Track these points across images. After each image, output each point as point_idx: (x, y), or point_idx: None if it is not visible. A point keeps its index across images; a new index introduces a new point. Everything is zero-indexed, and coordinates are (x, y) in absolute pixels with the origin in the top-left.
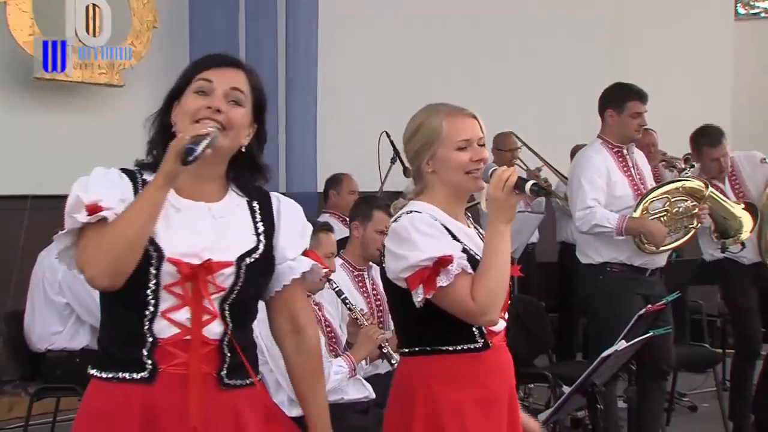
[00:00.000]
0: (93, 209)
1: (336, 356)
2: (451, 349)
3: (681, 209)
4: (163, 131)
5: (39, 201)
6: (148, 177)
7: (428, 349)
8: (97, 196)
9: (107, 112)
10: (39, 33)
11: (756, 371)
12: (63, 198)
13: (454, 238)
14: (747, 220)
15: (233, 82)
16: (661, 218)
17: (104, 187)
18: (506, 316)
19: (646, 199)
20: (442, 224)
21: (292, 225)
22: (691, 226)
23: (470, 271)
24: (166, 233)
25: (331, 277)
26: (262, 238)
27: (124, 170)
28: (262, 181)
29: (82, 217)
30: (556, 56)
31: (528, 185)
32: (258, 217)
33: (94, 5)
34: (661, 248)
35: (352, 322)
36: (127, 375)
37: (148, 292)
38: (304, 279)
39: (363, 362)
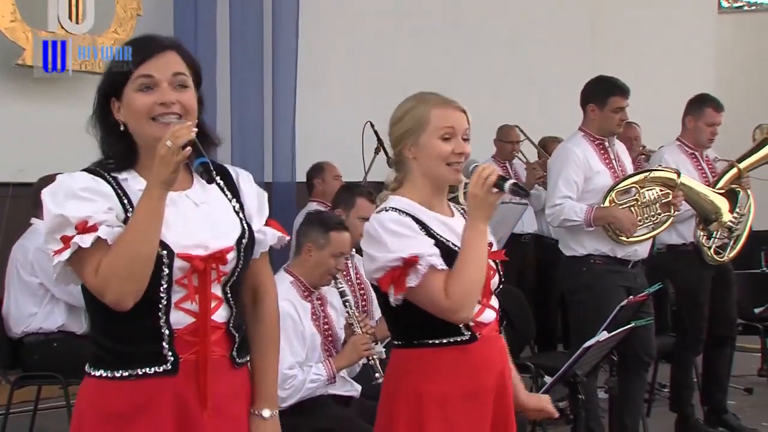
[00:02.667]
0: (84, 228)
1: (329, 356)
2: (436, 342)
3: (651, 198)
4: (113, 132)
5: (20, 188)
6: (124, 176)
7: (414, 342)
8: (84, 213)
9: (89, 99)
10: (21, 19)
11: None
12: (39, 185)
13: (429, 232)
14: (723, 204)
15: (172, 67)
16: (631, 208)
17: (85, 200)
18: (496, 305)
19: (615, 189)
20: (416, 219)
21: (253, 196)
22: (666, 214)
23: (442, 267)
24: (167, 230)
25: (338, 276)
26: (241, 215)
27: (91, 172)
28: (213, 146)
29: (89, 240)
30: (537, 48)
31: (507, 185)
32: (228, 194)
33: None
34: (637, 238)
35: (347, 326)
36: (149, 370)
37: (162, 289)
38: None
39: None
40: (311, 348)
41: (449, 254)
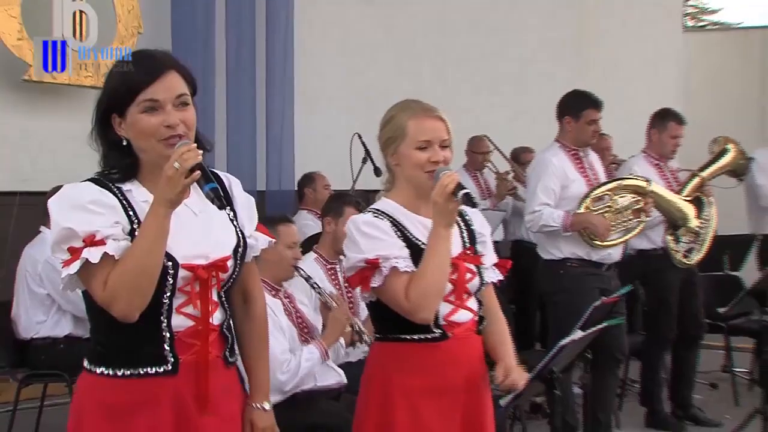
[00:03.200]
0: (92, 242)
1: (307, 342)
2: (407, 338)
3: (624, 204)
4: (116, 146)
5: (27, 197)
6: (128, 187)
7: (388, 336)
8: (92, 227)
9: (91, 113)
10: (27, 37)
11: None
12: (48, 194)
13: (405, 234)
14: (690, 210)
15: (175, 89)
16: (605, 214)
17: (93, 213)
18: (475, 307)
19: (589, 196)
20: (396, 221)
21: (244, 203)
22: (638, 219)
23: (405, 269)
24: (171, 241)
25: (299, 265)
26: (235, 223)
27: (97, 183)
28: (205, 151)
29: (97, 255)
30: (522, 64)
31: (459, 194)
32: (217, 202)
33: (81, 11)
34: (610, 242)
35: (323, 306)
36: (150, 370)
37: (165, 296)
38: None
39: (341, 349)
40: (290, 339)
41: (414, 250)
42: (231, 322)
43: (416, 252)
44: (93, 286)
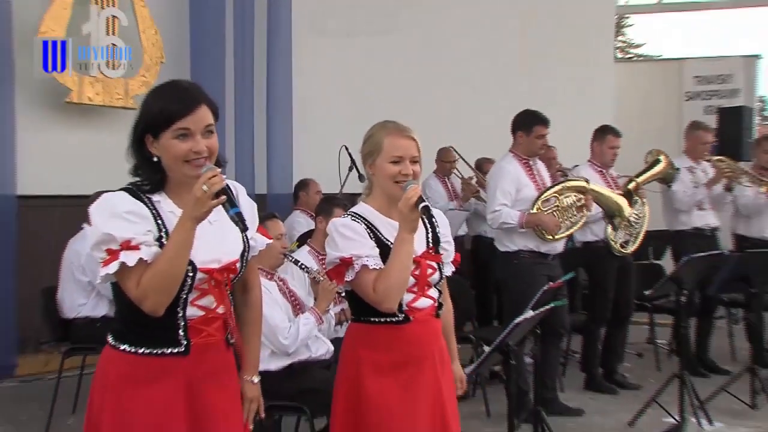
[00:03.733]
0: (128, 246)
1: (299, 315)
2: (376, 320)
3: (569, 203)
4: (148, 162)
5: (68, 200)
6: (157, 198)
7: (361, 318)
8: (129, 234)
9: (122, 129)
10: (70, 66)
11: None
12: (86, 197)
13: (377, 235)
14: (623, 201)
15: (204, 120)
16: (554, 212)
17: (129, 222)
18: (434, 295)
19: (540, 198)
20: (370, 223)
21: (247, 208)
22: (581, 215)
23: (374, 267)
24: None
25: (293, 255)
26: (237, 228)
27: (131, 192)
28: (221, 166)
29: (133, 259)
30: (480, 88)
31: (420, 206)
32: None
33: (113, 44)
34: (558, 236)
35: (313, 282)
36: (166, 350)
37: (184, 292)
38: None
39: (332, 321)
40: (286, 313)
41: (384, 249)
42: (231, 310)
43: (385, 250)
44: (128, 285)
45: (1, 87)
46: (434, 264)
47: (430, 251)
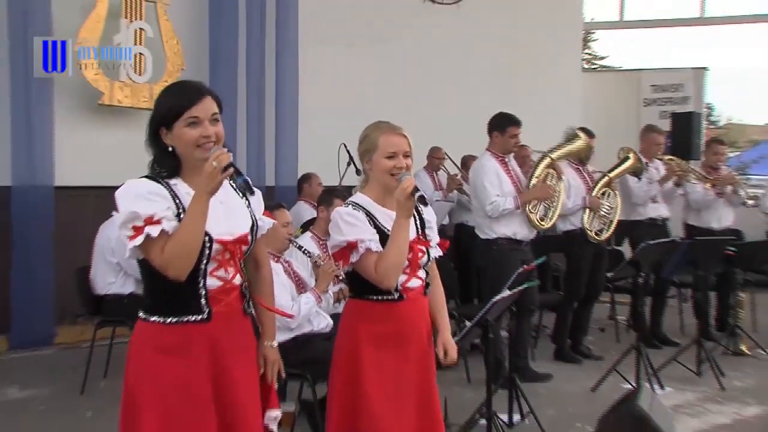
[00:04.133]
0: (151, 221)
1: (303, 293)
2: (374, 298)
3: (545, 176)
4: (164, 152)
5: (100, 190)
6: (174, 182)
7: (360, 296)
8: (151, 210)
9: (143, 128)
10: (101, 73)
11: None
12: (116, 187)
13: (375, 223)
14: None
15: (210, 109)
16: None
17: (151, 201)
18: (424, 275)
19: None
20: (368, 212)
21: (255, 196)
22: (560, 182)
23: (376, 250)
24: (207, 223)
25: (297, 241)
26: (250, 209)
27: (152, 179)
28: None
29: (156, 231)
30: (467, 92)
31: (416, 195)
32: (239, 193)
33: (140, 53)
34: (549, 223)
35: (314, 266)
36: (191, 318)
37: (203, 263)
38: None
39: (330, 300)
40: (291, 291)
41: (387, 240)
42: (247, 283)
43: (383, 236)
44: (152, 255)
45: (41, 91)
46: (423, 248)
47: (420, 237)
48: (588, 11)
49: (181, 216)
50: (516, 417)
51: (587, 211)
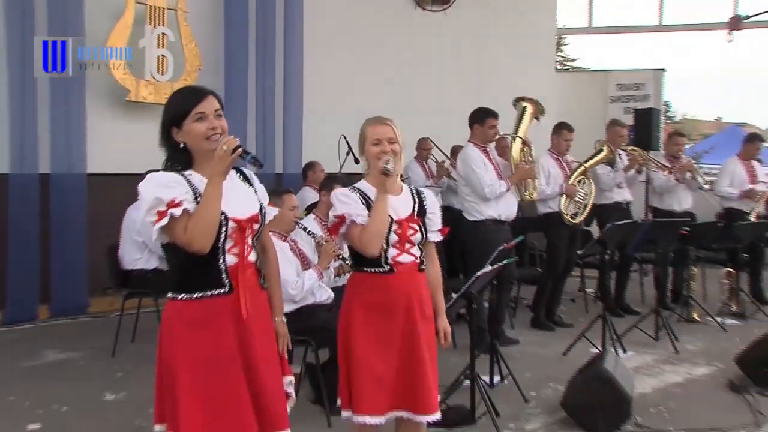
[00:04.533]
0: (173, 204)
1: (308, 269)
2: (368, 270)
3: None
4: (176, 149)
5: (127, 177)
6: (189, 173)
7: (358, 268)
8: (172, 195)
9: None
10: (129, 72)
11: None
12: (141, 174)
13: (369, 204)
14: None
15: (213, 106)
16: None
17: (172, 188)
18: (418, 253)
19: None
20: (364, 194)
21: (260, 187)
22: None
23: (360, 222)
24: (222, 204)
25: (302, 222)
26: (256, 197)
27: (169, 170)
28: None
29: (178, 211)
30: (447, 91)
31: (385, 169)
32: (246, 184)
33: (163, 55)
34: (532, 197)
35: (317, 245)
36: (214, 291)
37: (220, 241)
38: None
39: (332, 275)
40: (296, 267)
41: None
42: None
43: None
44: (176, 233)
45: (75, 89)
46: (415, 226)
47: (414, 217)
48: (560, 18)
49: (198, 200)
50: (496, 378)
51: (564, 196)
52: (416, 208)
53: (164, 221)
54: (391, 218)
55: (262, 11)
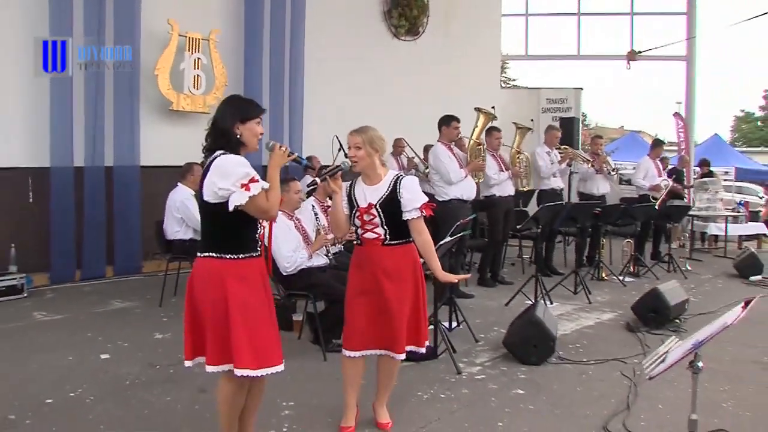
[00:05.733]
0: (253, 180)
1: (306, 247)
2: (356, 243)
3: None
4: (235, 139)
5: (170, 168)
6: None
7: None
8: (252, 172)
9: (201, 126)
10: (171, 87)
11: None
12: (180, 167)
13: (350, 192)
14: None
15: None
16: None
17: (248, 167)
18: (382, 232)
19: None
20: (352, 185)
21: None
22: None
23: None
24: None
25: (305, 202)
26: None
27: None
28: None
29: (263, 185)
30: (420, 103)
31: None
32: None
33: (198, 75)
34: (481, 178)
35: (317, 232)
36: (253, 254)
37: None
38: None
39: (324, 250)
40: (298, 242)
41: (350, 203)
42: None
43: (350, 201)
44: (260, 201)
45: (131, 101)
46: (373, 212)
47: (373, 205)
48: (504, 47)
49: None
50: (454, 324)
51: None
52: (384, 197)
53: (255, 189)
54: (358, 206)
55: (272, 41)
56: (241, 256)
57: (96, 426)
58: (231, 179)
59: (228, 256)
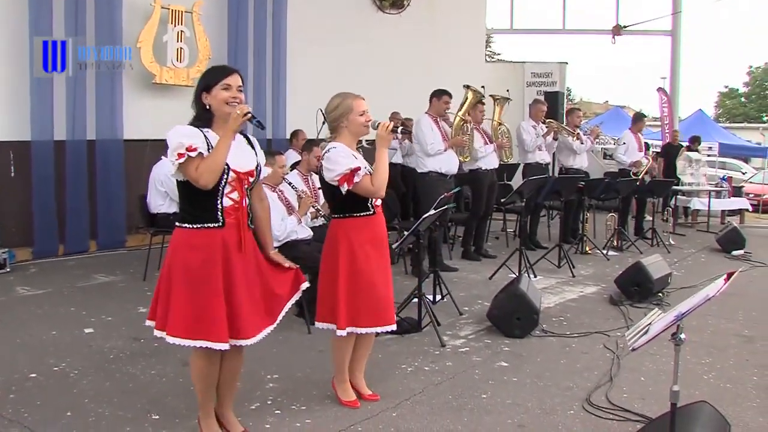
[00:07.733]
0: (191, 149)
1: (291, 215)
2: (358, 214)
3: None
4: (203, 109)
5: (154, 142)
6: (206, 130)
7: (347, 214)
8: (191, 142)
9: (186, 99)
10: (155, 60)
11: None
12: (164, 140)
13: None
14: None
15: (237, 81)
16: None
17: (191, 137)
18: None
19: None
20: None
21: (259, 150)
22: (469, 136)
23: (366, 172)
24: (228, 158)
25: (285, 176)
26: (255, 156)
27: (191, 125)
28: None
29: (194, 154)
30: (405, 76)
31: (398, 130)
32: (250, 147)
33: (181, 47)
34: (465, 156)
35: (298, 197)
36: (211, 225)
37: (221, 185)
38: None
39: (309, 218)
40: (282, 212)
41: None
42: (250, 207)
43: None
44: (189, 170)
45: (115, 75)
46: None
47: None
48: (489, 21)
49: (210, 150)
50: (438, 297)
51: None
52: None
53: (182, 160)
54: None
55: (256, 14)
56: (196, 226)
57: (80, 399)
58: (170, 150)
59: (185, 226)
